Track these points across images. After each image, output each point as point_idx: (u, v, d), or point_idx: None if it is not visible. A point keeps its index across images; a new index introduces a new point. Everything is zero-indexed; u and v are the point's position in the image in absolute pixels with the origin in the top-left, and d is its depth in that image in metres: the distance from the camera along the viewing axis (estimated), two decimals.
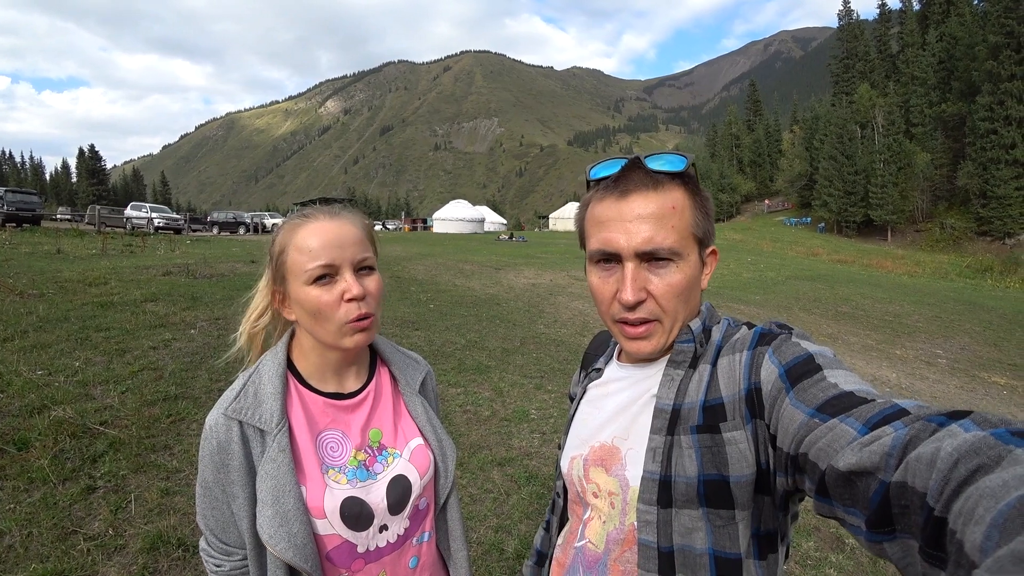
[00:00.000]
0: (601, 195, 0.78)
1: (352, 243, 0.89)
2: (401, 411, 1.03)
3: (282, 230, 0.93)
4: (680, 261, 0.75)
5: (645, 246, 0.73)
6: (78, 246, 13.79)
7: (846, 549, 2.91)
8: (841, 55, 60.32)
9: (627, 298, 0.74)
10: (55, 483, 2.83)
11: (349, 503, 0.89)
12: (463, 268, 13.23)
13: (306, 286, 0.87)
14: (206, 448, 0.87)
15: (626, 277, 0.74)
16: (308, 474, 0.87)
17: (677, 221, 0.74)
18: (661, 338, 0.77)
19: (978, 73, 40.32)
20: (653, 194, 0.75)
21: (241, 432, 0.86)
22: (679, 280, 0.74)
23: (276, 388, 0.89)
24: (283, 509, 0.82)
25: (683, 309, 0.77)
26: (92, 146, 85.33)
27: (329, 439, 0.93)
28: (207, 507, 0.89)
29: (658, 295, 0.75)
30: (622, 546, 0.77)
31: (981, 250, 35.53)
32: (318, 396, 0.94)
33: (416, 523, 0.99)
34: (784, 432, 0.60)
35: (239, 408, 0.87)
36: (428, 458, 1.00)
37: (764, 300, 11.53)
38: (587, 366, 1.01)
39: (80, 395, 3.87)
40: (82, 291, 7.04)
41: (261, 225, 31.97)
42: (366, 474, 0.93)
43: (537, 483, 3.36)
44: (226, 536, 0.89)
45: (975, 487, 0.36)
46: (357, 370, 1.00)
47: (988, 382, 6.88)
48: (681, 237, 0.74)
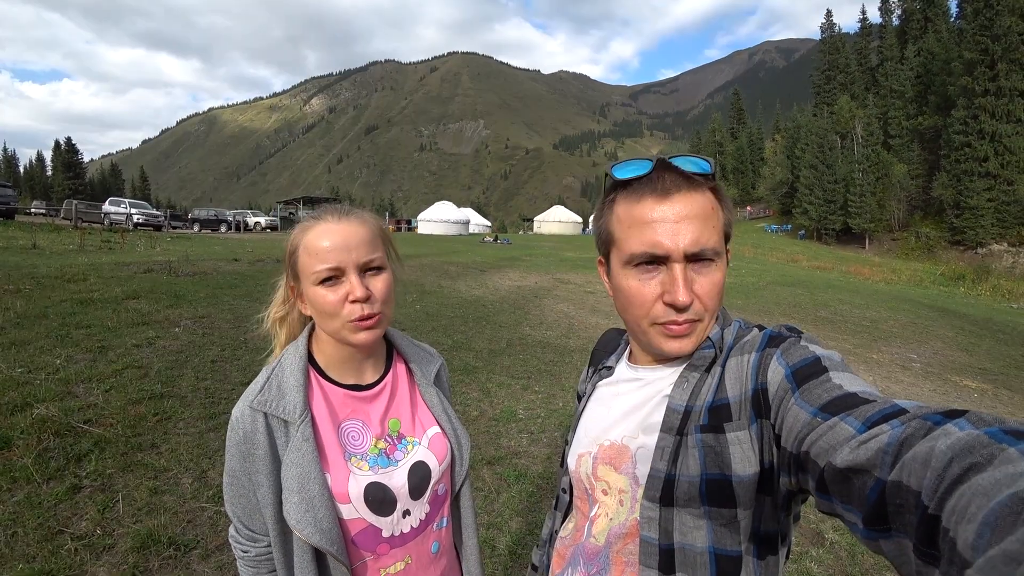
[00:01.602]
0: (637, 196, 0.77)
1: (359, 244, 0.92)
2: (417, 401, 1.07)
3: (295, 230, 0.97)
4: (719, 260, 0.77)
5: (693, 247, 0.73)
6: (55, 241, 13.48)
7: (826, 543, 2.99)
8: (823, 67, 61.59)
9: (683, 300, 0.73)
10: (39, 482, 2.78)
11: (372, 488, 0.92)
12: (448, 270, 13.23)
13: (314, 286, 0.91)
14: (233, 439, 0.91)
15: (677, 279, 0.74)
16: (331, 462, 0.91)
17: (716, 221, 0.76)
18: (700, 337, 0.78)
19: (954, 88, 41.49)
20: (695, 195, 0.75)
21: (266, 423, 0.89)
22: (719, 279, 0.77)
23: (298, 380, 0.92)
24: (308, 495, 0.86)
25: (718, 307, 0.79)
26: (69, 139, 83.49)
27: (350, 428, 0.96)
28: (234, 495, 0.92)
29: (702, 295, 0.75)
30: (624, 539, 0.79)
31: (954, 259, 36.53)
32: (338, 388, 0.98)
33: (436, 508, 1.03)
34: (788, 431, 0.61)
35: (264, 400, 0.90)
36: (445, 445, 1.04)
37: (745, 305, 11.71)
38: (596, 363, 1.02)
39: (63, 393, 3.80)
40: (60, 287, 6.90)
41: (243, 223, 31.54)
42: (387, 461, 0.97)
43: (526, 481, 3.39)
44: (252, 523, 0.93)
45: (968, 485, 0.36)
46: (374, 363, 1.03)
47: (960, 385, 7.08)
48: (720, 237, 0.77)
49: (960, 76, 40.64)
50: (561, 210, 55.32)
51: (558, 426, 4.31)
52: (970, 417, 0.43)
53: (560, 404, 4.83)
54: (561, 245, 28.47)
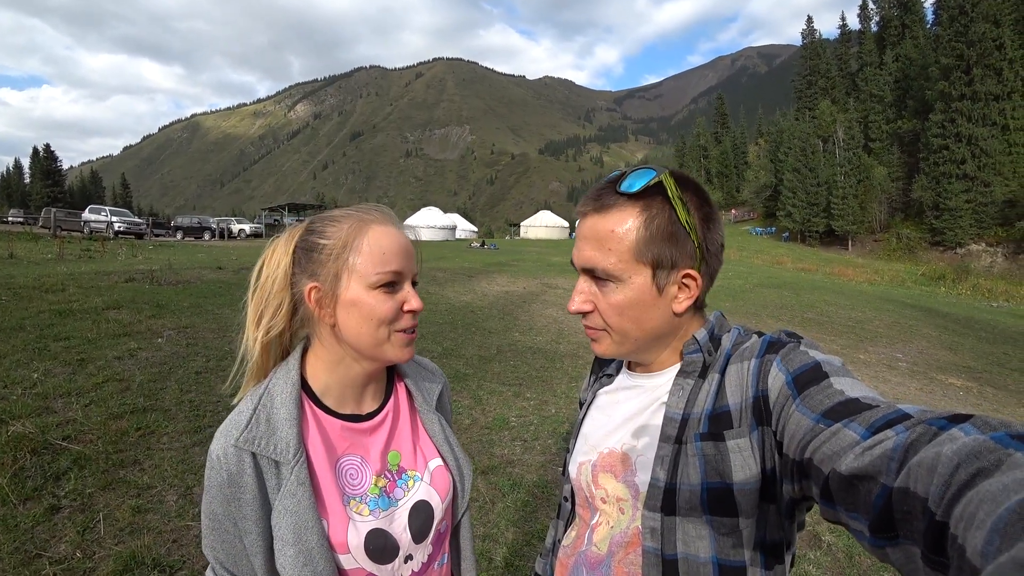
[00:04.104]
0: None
1: (413, 255, 0.88)
2: (419, 430, 0.99)
3: (345, 224, 0.84)
4: (619, 283, 0.76)
5: (584, 264, 0.79)
6: (32, 250, 13.20)
7: (823, 546, 2.98)
8: (804, 72, 62.64)
9: (569, 307, 0.82)
10: (15, 503, 2.67)
11: (373, 536, 0.84)
12: (436, 275, 13.14)
13: (371, 289, 0.81)
14: (214, 479, 0.79)
15: (576, 288, 0.81)
16: (329, 507, 0.82)
17: (615, 245, 0.75)
18: (610, 347, 0.82)
19: (931, 92, 42.52)
20: (596, 216, 0.78)
21: (254, 464, 0.78)
22: (618, 301, 0.77)
23: (291, 414, 0.81)
24: (306, 547, 0.77)
25: (633, 329, 0.78)
26: (48, 146, 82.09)
27: (348, 466, 0.87)
28: (216, 540, 0.81)
29: (601, 310, 0.79)
30: (626, 549, 0.78)
31: (934, 259, 37.20)
32: (335, 420, 0.88)
33: (438, 548, 0.96)
34: (790, 438, 0.60)
35: (251, 438, 0.78)
36: (448, 480, 0.96)
37: (733, 308, 11.78)
38: (598, 371, 1.01)
39: (40, 408, 3.67)
40: (38, 298, 6.72)
41: (228, 231, 31.16)
42: (388, 502, 0.88)
43: (521, 491, 3.34)
44: (237, 569, 0.82)
45: (975, 491, 0.36)
46: (376, 388, 0.95)
47: (945, 384, 7.17)
48: (619, 261, 0.75)
49: (937, 81, 41.65)
50: (548, 215, 55.37)
51: (551, 433, 4.26)
52: (975, 422, 0.43)
53: (552, 410, 4.79)
54: (548, 250, 28.51)
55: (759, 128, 78.03)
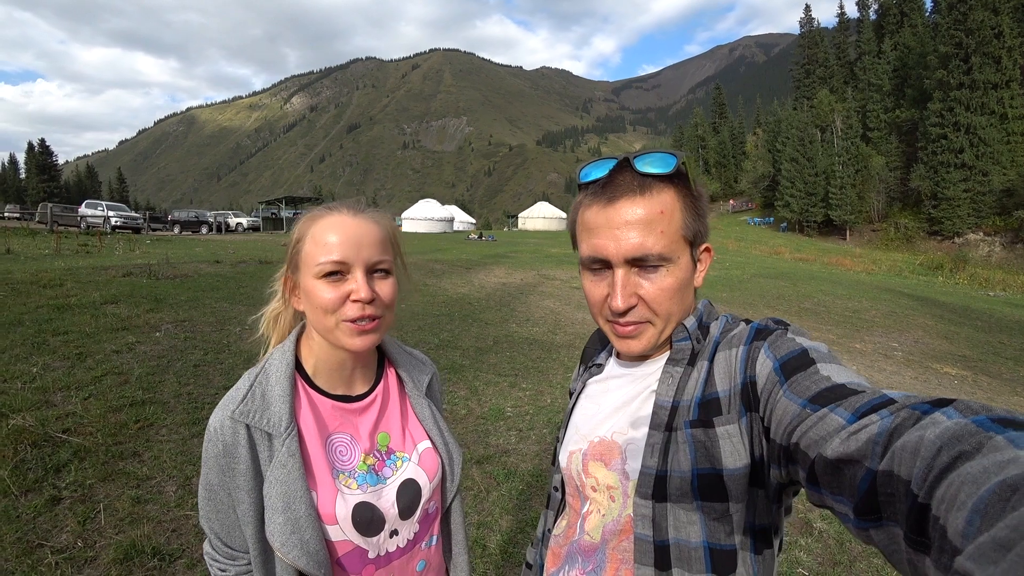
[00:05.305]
0: (590, 200, 0.79)
1: (370, 244, 0.86)
2: (408, 414, 1.02)
3: (303, 218, 0.91)
4: (670, 265, 0.75)
5: (634, 252, 0.74)
6: (29, 246, 13.17)
7: (814, 532, 3.03)
8: (802, 61, 62.43)
9: (617, 305, 0.75)
10: (16, 495, 2.71)
11: (360, 508, 0.88)
12: (433, 267, 13.16)
13: (315, 279, 0.84)
14: (211, 451, 0.84)
15: (616, 284, 0.76)
16: (318, 479, 0.86)
17: (666, 226, 0.74)
18: (651, 338, 0.79)
19: (929, 81, 42.32)
20: (640, 199, 0.74)
21: (248, 436, 0.83)
22: (670, 283, 0.75)
23: (284, 390, 0.86)
24: (294, 516, 0.81)
25: (677, 310, 0.78)
26: (43, 140, 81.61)
27: (338, 443, 0.91)
28: (211, 511, 0.86)
29: (649, 299, 0.76)
30: (619, 536, 0.79)
31: (932, 248, 37.28)
32: (326, 399, 0.92)
33: (425, 528, 0.99)
34: (777, 423, 0.61)
35: (246, 411, 0.84)
36: (436, 461, 1.00)
37: (730, 298, 11.82)
38: (587, 360, 1.02)
39: (40, 402, 3.71)
40: (36, 293, 6.74)
41: (225, 224, 31.08)
42: (376, 479, 0.92)
43: (516, 480, 3.38)
44: (231, 540, 0.87)
45: (956, 473, 0.36)
46: (365, 371, 0.98)
47: (940, 372, 7.22)
48: (671, 241, 0.75)
49: (935, 70, 41.45)
50: (545, 206, 55.18)
51: (547, 423, 4.30)
52: (958, 406, 0.43)
53: (548, 401, 4.83)
54: (546, 241, 28.46)
55: (757, 118, 77.50)
